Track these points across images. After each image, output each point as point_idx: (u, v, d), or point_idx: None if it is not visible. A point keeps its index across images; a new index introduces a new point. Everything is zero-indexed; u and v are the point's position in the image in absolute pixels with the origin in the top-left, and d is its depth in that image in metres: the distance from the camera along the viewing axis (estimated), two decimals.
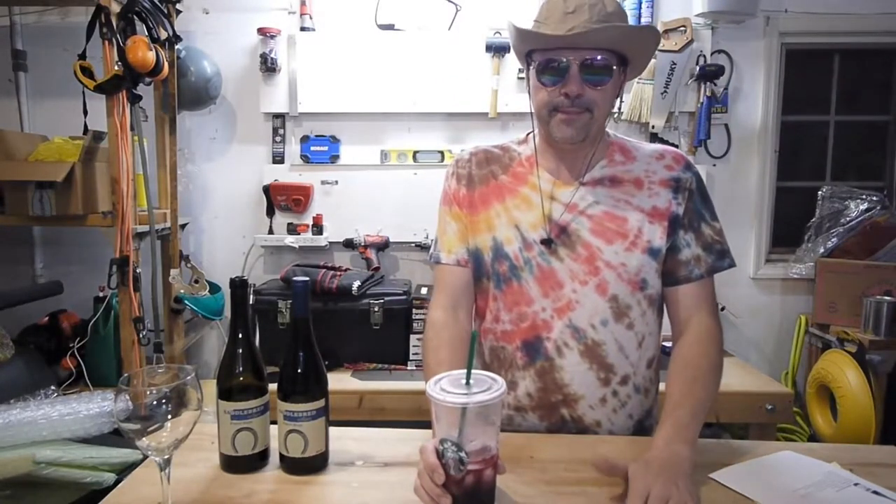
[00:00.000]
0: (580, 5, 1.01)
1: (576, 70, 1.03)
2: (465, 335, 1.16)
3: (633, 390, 1.13)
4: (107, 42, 1.89)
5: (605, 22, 1.00)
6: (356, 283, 2.22)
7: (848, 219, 2.53)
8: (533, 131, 1.18)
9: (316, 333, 0.94)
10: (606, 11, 1.02)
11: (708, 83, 2.52)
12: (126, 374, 0.79)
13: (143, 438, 0.74)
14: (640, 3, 2.50)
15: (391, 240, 2.56)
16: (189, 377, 0.77)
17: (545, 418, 1.13)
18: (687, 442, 0.93)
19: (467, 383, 0.79)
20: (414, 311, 2.28)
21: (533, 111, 1.12)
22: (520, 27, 1.06)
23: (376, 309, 2.24)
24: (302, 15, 2.52)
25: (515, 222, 1.14)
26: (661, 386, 1.22)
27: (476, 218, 1.17)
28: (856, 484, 0.88)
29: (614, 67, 1.04)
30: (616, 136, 1.20)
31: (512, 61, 2.46)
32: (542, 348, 1.11)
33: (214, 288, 2.47)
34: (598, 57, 1.03)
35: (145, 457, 0.83)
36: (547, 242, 1.11)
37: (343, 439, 1.03)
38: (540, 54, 1.05)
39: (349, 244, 2.55)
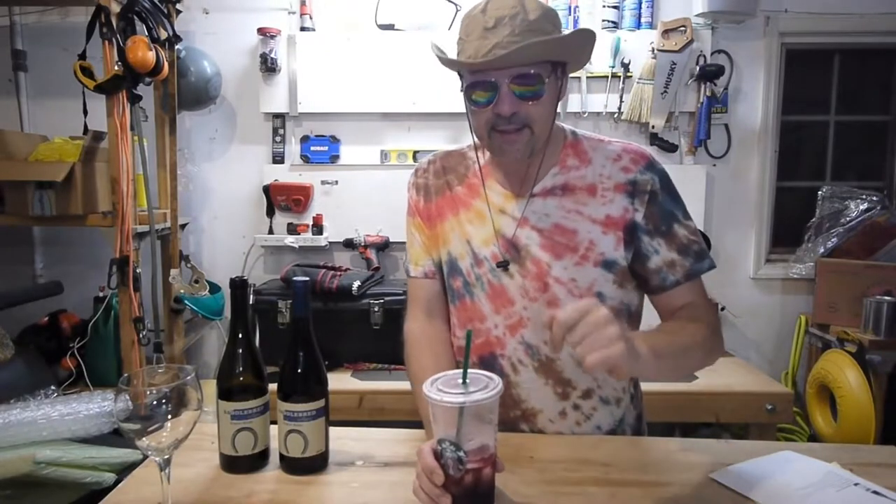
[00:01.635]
0: (500, 18, 0.93)
1: (506, 89, 0.95)
2: (443, 338, 1.15)
3: (599, 403, 1.09)
4: (107, 42, 1.89)
5: (528, 31, 0.92)
6: (356, 283, 2.22)
7: (848, 219, 2.53)
8: None
9: (316, 333, 0.94)
10: (528, 20, 0.93)
11: (708, 83, 2.52)
12: (126, 374, 0.79)
13: (143, 438, 0.74)
14: (640, 3, 2.50)
15: (391, 240, 2.56)
16: (189, 377, 0.77)
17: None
18: (649, 346, 0.83)
19: (464, 382, 0.79)
20: None
21: (472, 131, 1.06)
22: (438, 55, 1.00)
23: (376, 309, 2.24)
24: (302, 15, 2.52)
25: (467, 237, 1.11)
26: (665, 387, 1.21)
27: (434, 231, 1.16)
28: (856, 484, 0.88)
29: (547, 80, 0.96)
30: (573, 133, 1.11)
31: None
32: (497, 365, 1.09)
33: (214, 288, 2.47)
34: (530, 71, 0.95)
35: (145, 457, 0.83)
36: (503, 265, 1.07)
37: (343, 439, 1.03)
38: (468, 75, 0.98)
39: (349, 244, 2.55)
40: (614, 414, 1.11)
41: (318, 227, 2.56)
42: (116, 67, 1.90)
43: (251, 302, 2.25)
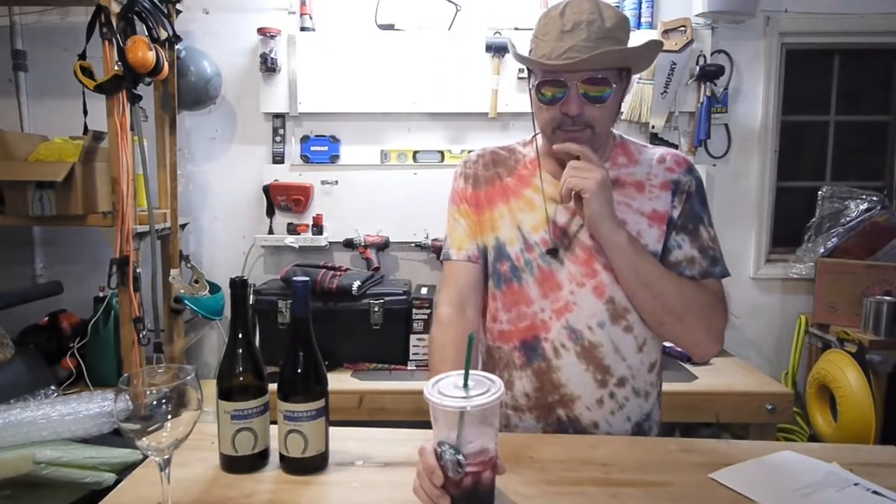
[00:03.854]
0: (578, 23, 0.99)
1: (575, 90, 1.02)
2: (470, 331, 1.16)
3: (631, 393, 1.12)
4: (107, 42, 1.89)
5: (603, 38, 0.98)
6: (356, 283, 2.22)
7: (848, 219, 2.53)
8: (537, 133, 1.18)
9: (316, 333, 0.94)
10: (605, 28, 0.99)
11: (708, 83, 2.52)
12: (126, 374, 0.79)
13: (143, 438, 0.74)
14: (640, 3, 2.50)
15: (391, 240, 2.56)
16: (189, 377, 0.77)
17: (542, 418, 1.14)
18: (631, 237, 1.05)
19: (465, 386, 0.79)
20: (414, 311, 2.28)
21: (536, 125, 1.12)
22: (517, 52, 1.07)
23: (376, 309, 2.24)
24: (302, 15, 2.52)
25: (518, 223, 1.15)
26: (665, 387, 1.23)
27: (481, 218, 1.19)
28: (856, 484, 0.88)
29: (614, 84, 1.03)
30: (621, 136, 1.19)
31: (512, 61, 2.45)
32: (540, 349, 1.12)
33: (214, 288, 2.47)
34: (598, 76, 1.01)
35: (145, 457, 0.83)
36: (553, 252, 1.11)
37: (343, 439, 1.03)
38: (539, 72, 1.04)
39: (349, 244, 2.55)
40: (643, 407, 1.14)
41: (318, 227, 2.55)
42: (116, 67, 1.90)
43: (251, 302, 2.25)
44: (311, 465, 0.92)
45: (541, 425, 1.14)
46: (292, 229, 2.57)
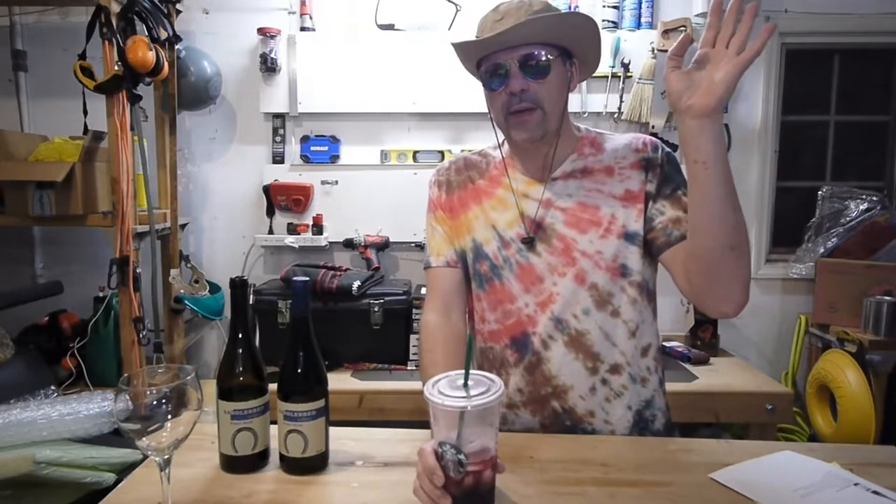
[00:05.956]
0: (507, 11, 1.05)
1: (515, 68, 1.06)
2: (458, 335, 1.17)
3: (628, 380, 1.12)
4: (107, 42, 1.89)
5: (532, 17, 1.03)
6: (356, 283, 2.22)
7: (848, 219, 2.53)
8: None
9: (316, 333, 0.94)
10: (533, 10, 1.04)
11: None
12: (126, 374, 0.79)
13: (143, 438, 0.74)
14: (640, 3, 2.50)
15: (391, 240, 2.56)
16: (189, 377, 0.77)
17: (537, 412, 1.14)
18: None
19: (465, 385, 0.79)
20: (414, 311, 2.28)
21: (493, 120, 1.15)
22: (454, 42, 1.11)
23: (376, 309, 2.24)
24: (302, 15, 2.52)
25: (492, 223, 1.17)
26: (665, 387, 1.21)
27: (457, 222, 1.21)
28: (856, 484, 0.88)
29: (551, 59, 1.06)
30: (587, 129, 1.20)
31: None
32: (529, 343, 1.13)
33: (214, 288, 2.47)
34: (535, 51, 1.05)
35: (145, 457, 0.83)
36: (528, 241, 1.12)
37: (343, 439, 1.03)
38: (484, 63, 1.10)
39: (349, 244, 2.55)
40: (641, 394, 1.13)
41: (318, 227, 2.56)
42: (116, 67, 1.90)
43: (251, 302, 2.25)
44: (311, 465, 0.92)
45: (537, 419, 1.14)
46: (292, 229, 2.57)
